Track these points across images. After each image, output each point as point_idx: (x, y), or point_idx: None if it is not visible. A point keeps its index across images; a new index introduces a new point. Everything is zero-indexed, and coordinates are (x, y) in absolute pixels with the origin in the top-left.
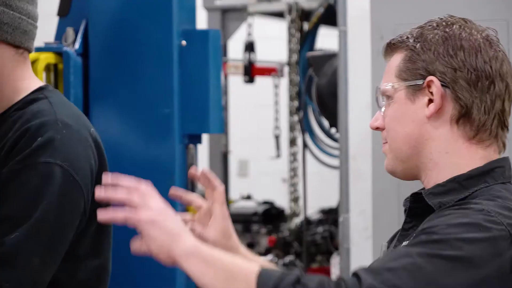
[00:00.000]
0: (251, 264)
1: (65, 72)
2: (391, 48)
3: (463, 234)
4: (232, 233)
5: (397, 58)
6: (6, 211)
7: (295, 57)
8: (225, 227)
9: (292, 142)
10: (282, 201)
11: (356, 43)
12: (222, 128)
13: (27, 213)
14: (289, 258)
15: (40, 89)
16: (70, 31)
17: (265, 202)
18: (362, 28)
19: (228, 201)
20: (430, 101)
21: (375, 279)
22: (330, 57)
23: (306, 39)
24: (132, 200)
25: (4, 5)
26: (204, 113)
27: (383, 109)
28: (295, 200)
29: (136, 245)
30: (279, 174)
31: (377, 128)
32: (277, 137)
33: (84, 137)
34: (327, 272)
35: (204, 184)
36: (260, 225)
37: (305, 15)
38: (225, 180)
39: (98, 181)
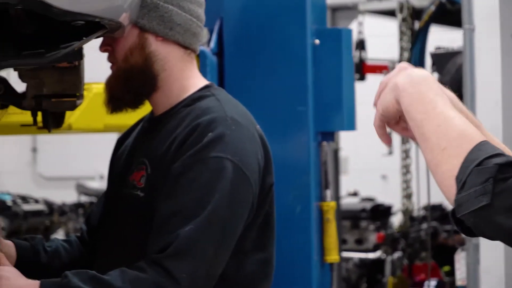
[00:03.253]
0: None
1: (201, 71)
2: None
3: None
4: None
5: None
6: (179, 204)
7: (406, 55)
8: None
9: (404, 139)
10: (382, 198)
11: (483, 41)
12: (355, 125)
13: (200, 206)
14: (397, 254)
15: (206, 87)
16: (204, 31)
17: (368, 199)
18: (491, 26)
19: (338, 198)
20: None
21: None
22: (453, 54)
23: (418, 37)
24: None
25: (178, 6)
26: (338, 111)
27: None
28: (408, 196)
29: None
30: (378, 171)
31: None
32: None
33: (251, 133)
34: (433, 269)
35: None
36: (368, 221)
37: (416, 13)
38: (336, 176)
39: (264, 176)
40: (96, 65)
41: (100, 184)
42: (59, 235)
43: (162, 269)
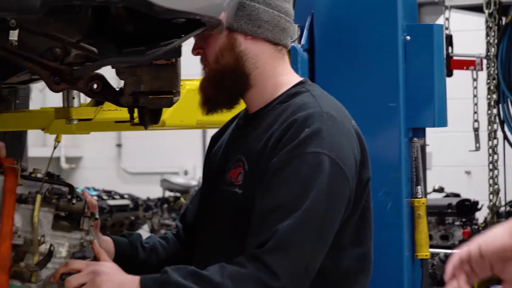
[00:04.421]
0: None
1: (292, 67)
2: None
3: None
4: None
5: None
6: (278, 199)
7: (493, 50)
8: None
9: (492, 134)
10: (465, 194)
11: None
12: (446, 122)
13: (298, 201)
14: None
15: (300, 83)
16: (295, 27)
17: (454, 194)
18: None
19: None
20: None
21: None
22: None
23: (505, 33)
24: None
25: (264, 4)
26: (430, 107)
27: None
28: (495, 193)
29: None
30: (462, 167)
31: None
32: (476, 130)
33: (347, 128)
34: None
35: None
36: (454, 217)
37: (503, 8)
38: (423, 172)
39: (360, 171)
40: (188, 62)
41: (185, 179)
42: (144, 230)
43: (261, 264)
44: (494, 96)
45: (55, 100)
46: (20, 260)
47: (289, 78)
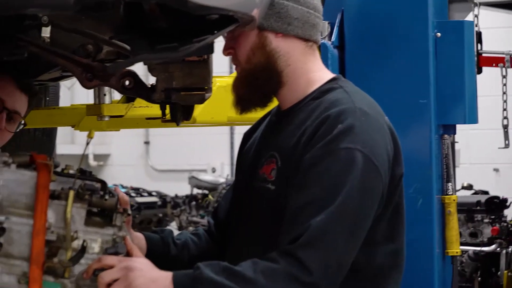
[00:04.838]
0: None
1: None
2: None
3: None
4: None
5: None
6: (310, 195)
7: None
8: None
9: None
10: (494, 191)
11: None
12: (477, 118)
13: (331, 197)
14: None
15: (333, 79)
16: (325, 24)
17: (482, 192)
18: None
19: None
20: None
21: None
22: None
23: None
24: None
25: (293, 1)
26: (460, 104)
27: None
28: None
29: None
30: (490, 164)
31: None
32: (505, 127)
33: (380, 124)
34: None
35: None
36: (483, 214)
37: None
38: (454, 169)
39: (393, 167)
40: (217, 60)
41: (212, 176)
42: (172, 227)
43: (294, 259)
44: None
45: (84, 98)
46: (53, 256)
47: (321, 74)
